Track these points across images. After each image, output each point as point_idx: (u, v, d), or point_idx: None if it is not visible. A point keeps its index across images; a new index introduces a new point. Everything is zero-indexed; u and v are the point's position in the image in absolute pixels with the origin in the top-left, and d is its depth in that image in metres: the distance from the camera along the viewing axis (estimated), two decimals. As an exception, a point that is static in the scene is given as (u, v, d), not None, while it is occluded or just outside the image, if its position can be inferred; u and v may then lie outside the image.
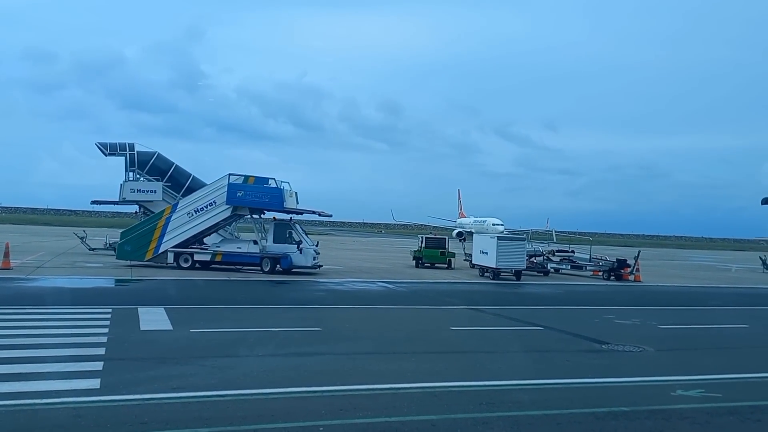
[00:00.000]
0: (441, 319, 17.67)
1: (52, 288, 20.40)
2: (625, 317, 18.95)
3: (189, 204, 28.95)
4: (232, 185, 28.15)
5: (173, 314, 15.53)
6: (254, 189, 28.10)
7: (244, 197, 27.95)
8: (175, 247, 28.48)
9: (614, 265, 34.32)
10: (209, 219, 28.45)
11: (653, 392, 10.28)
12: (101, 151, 36.13)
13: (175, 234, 28.53)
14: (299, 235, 28.03)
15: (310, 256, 27.85)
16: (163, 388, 9.00)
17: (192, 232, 28.60)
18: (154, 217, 29.80)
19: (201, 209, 28.47)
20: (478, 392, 9.63)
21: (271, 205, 28.09)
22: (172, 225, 28.63)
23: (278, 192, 28.05)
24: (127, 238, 29.70)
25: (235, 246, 29.02)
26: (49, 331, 12.74)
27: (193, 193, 29.39)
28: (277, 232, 28.49)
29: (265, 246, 28.03)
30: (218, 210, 28.32)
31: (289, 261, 27.67)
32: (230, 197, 27.93)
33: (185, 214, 28.62)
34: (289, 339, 13.42)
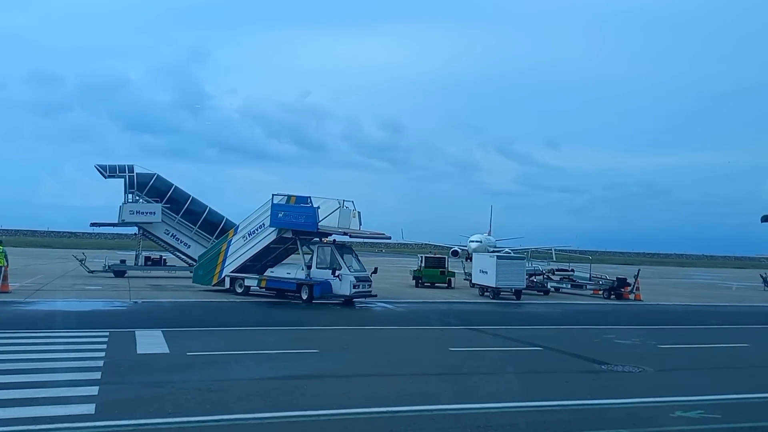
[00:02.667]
0: (440, 340, 17.60)
1: (50, 311, 20.34)
2: (625, 337, 18.87)
3: (245, 226, 27.82)
4: (275, 206, 26.65)
5: (170, 337, 15.47)
6: (293, 209, 26.36)
7: (284, 218, 26.26)
8: (233, 272, 27.47)
9: (614, 284, 34.22)
10: (259, 243, 27.13)
11: (652, 413, 10.21)
12: (101, 173, 36.36)
13: (233, 258, 27.60)
14: (338, 260, 25.39)
15: (348, 283, 24.92)
16: (159, 412, 8.94)
17: (245, 257, 27.37)
18: (221, 239, 28.99)
19: (253, 232, 27.29)
20: (476, 415, 9.56)
21: (306, 225, 25.82)
22: (231, 249, 27.76)
23: (312, 211, 25.82)
24: (201, 261, 29.02)
25: (285, 271, 27.00)
26: (46, 356, 12.68)
27: (250, 215, 27.94)
28: (320, 255, 26.21)
29: (309, 272, 26.01)
30: (266, 233, 26.93)
31: (322, 288, 25.16)
32: (273, 219, 26.48)
33: (241, 237, 27.63)
34: (285, 361, 13.35)
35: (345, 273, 25.10)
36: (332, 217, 26.00)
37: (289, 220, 26.03)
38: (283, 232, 26.40)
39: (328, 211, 26.06)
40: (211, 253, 28.89)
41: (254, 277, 27.06)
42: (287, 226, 26.14)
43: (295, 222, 25.87)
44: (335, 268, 24.97)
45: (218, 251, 28.28)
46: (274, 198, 26.79)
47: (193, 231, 36.51)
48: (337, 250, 25.75)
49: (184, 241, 36.48)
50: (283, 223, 26.14)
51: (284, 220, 26.10)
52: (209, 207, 37.80)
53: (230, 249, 27.65)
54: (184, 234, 36.42)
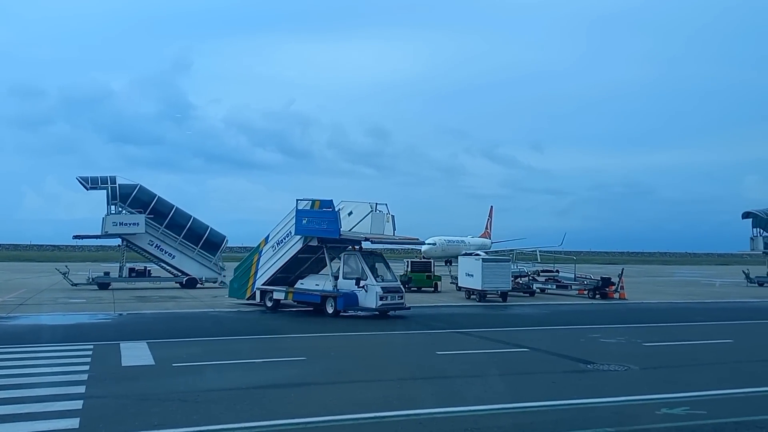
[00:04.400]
0: (427, 344, 17.61)
1: (33, 326, 20.12)
2: (610, 336, 18.99)
3: (275, 235, 25.79)
4: (300, 212, 24.45)
5: (156, 349, 15.35)
6: (316, 215, 24.13)
7: (308, 225, 24.10)
8: (264, 284, 25.70)
9: (599, 284, 34.45)
10: (286, 252, 25.05)
11: (638, 411, 10.29)
12: (82, 185, 36.12)
13: (264, 270, 25.77)
14: (363, 269, 23.27)
15: (375, 294, 22.61)
16: (144, 425, 8.87)
17: (275, 268, 25.41)
18: (254, 250, 27.09)
19: (281, 241, 25.30)
20: (463, 417, 9.59)
21: (328, 232, 23.59)
22: (262, 260, 25.92)
23: (333, 216, 23.60)
24: (236, 274, 27.36)
25: (314, 283, 24.77)
26: (29, 370, 12.54)
27: (280, 222, 25.75)
28: (347, 265, 24.12)
29: (336, 282, 23.77)
30: (292, 242, 24.84)
31: (345, 300, 23.00)
32: (298, 226, 24.37)
33: (271, 247, 25.69)
34: (272, 370, 13.31)
35: (370, 283, 22.93)
36: (365, 221, 24.43)
37: (313, 226, 24.05)
38: (309, 240, 24.38)
39: (360, 215, 24.56)
40: (244, 264, 27.10)
41: (282, 290, 25.22)
42: (312, 233, 24.14)
43: (319, 228, 23.89)
44: (359, 278, 23.03)
45: (251, 262, 26.50)
46: (298, 203, 24.79)
47: (177, 241, 36.34)
48: (363, 258, 23.75)
49: (169, 252, 36.30)
50: (308, 231, 24.16)
51: (308, 227, 24.13)
52: (193, 217, 37.68)
53: (261, 260, 25.91)
54: (169, 245, 36.25)
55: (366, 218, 24.52)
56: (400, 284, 24.76)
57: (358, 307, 22.96)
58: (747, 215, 50.17)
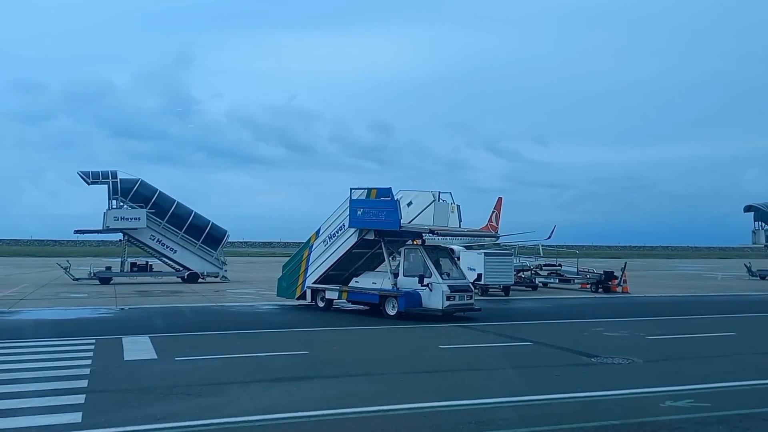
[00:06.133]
0: (429, 338, 17.58)
1: (34, 320, 20.10)
2: (613, 329, 18.95)
3: (326, 228, 23.59)
4: (354, 202, 22.27)
5: (158, 343, 15.33)
6: (372, 205, 21.86)
7: (364, 216, 21.87)
8: (315, 282, 23.64)
9: (602, 278, 34.37)
10: (340, 247, 22.90)
11: (643, 404, 10.25)
12: (83, 179, 36.09)
13: (315, 267, 23.67)
14: (427, 266, 20.87)
15: (441, 294, 20.30)
16: (147, 419, 8.84)
17: (327, 265, 23.30)
18: (304, 245, 24.96)
19: (333, 235, 23.13)
20: (467, 411, 9.55)
21: (386, 224, 21.35)
22: (313, 256, 23.83)
23: (392, 206, 21.29)
24: (284, 272, 25.27)
25: (371, 281, 22.55)
26: (31, 365, 12.50)
27: (331, 215, 23.63)
28: (408, 261, 21.82)
29: (395, 280, 21.55)
30: (346, 236, 22.66)
31: (407, 300, 20.67)
32: (352, 218, 22.14)
33: (322, 242, 23.55)
34: (275, 364, 13.27)
35: (435, 281, 20.51)
36: (426, 212, 22.15)
37: (369, 218, 21.78)
38: (364, 233, 22.17)
39: (421, 206, 22.33)
40: (293, 261, 25.02)
41: (335, 289, 23.15)
42: (368, 225, 21.91)
43: (376, 220, 21.60)
44: (423, 276, 20.63)
45: (300, 258, 24.43)
46: (352, 192, 22.60)
47: (179, 236, 36.30)
48: (427, 253, 21.36)
49: (170, 246, 36.27)
50: (363, 223, 21.94)
51: (364, 219, 21.87)
52: (195, 212, 37.62)
53: (311, 256, 23.85)
54: (170, 239, 36.20)
55: (428, 209, 22.25)
56: (469, 283, 22.50)
57: (422, 308, 20.70)
58: (749, 209, 50.13)
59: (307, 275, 23.85)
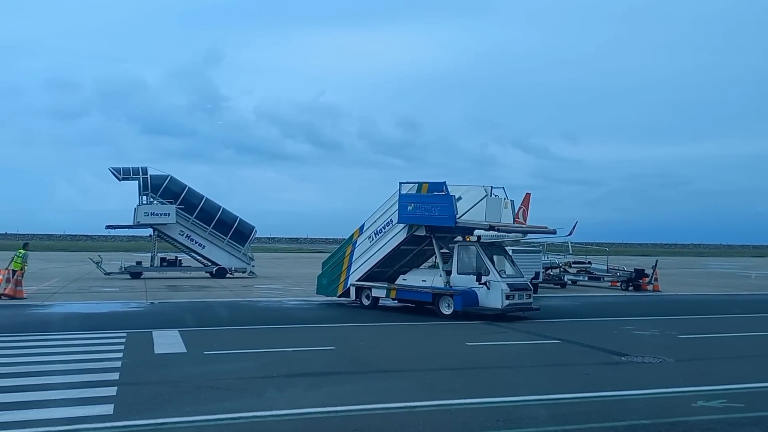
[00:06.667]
0: (457, 335, 17.50)
1: (67, 314, 20.48)
2: (644, 328, 18.69)
3: (371, 224, 22.92)
4: (404, 197, 21.59)
5: (187, 337, 15.51)
6: (425, 200, 21.15)
7: (415, 212, 21.17)
8: (359, 280, 23.01)
9: (632, 275, 34.02)
10: (387, 244, 22.19)
11: (674, 404, 10.08)
12: (115, 176, 36.69)
13: (359, 264, 23.03)
14: (485, 263, 20.11)
15: (500, 293, 19.54)
16: (177, 412, 8.94)
17: (372, 262, 22.63)
18: (346, 242, 24.34)
19: (379, 231, 22.47)
20: (495, 408, 9.49)
21: (441, 219, 20.63)
22: (357, 252, 23.15)
23: (448, 201, 20.51)
24: (324, 269, 24.57)
25: (420, 278, 21.80)
26: (63, 358, 12.74)
27: (377, 210, 23.00)
28: (462, 258, 20.98)
29: (448, 278, 20.84)
30: (394, 232, 21.98)
31: (464, 299, 19.90)
32: (402, 213, 21.45)
33: (367, 238, 22.90)
34: (303, 359, 13.33)
35: (494, 279, 19.76)
36: (478, 208, 20.98)
37: (420, 213, 21.07)
38: (414, 229, 21.53)
39: (472, 201, 21.23)
40: (335, 257, 24.26)
41: (382, 287, 22.45)
42: (419, 221, 21.24)
43: (428, 216, 20.88)
44: (480, 274, 19.82)
45: (342, 255, 23.74)
46: (401, 187, 21.90)
47: (207, 231, 36.70)
48: (483, 250, 20.69)
49: (199, 242, 36.70)
50: (414, 218, 21.27)
51: (415, 215, 21.20)
52: (223, 207, 38.02)
53: (355, 253, 23.19)
54: (199, 234, 36.63)
55: (479, 204, 21.14)
56: (527, 281, 21.77)
57: (479, 308, 19.93)
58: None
59: (350, 273, 23.27)
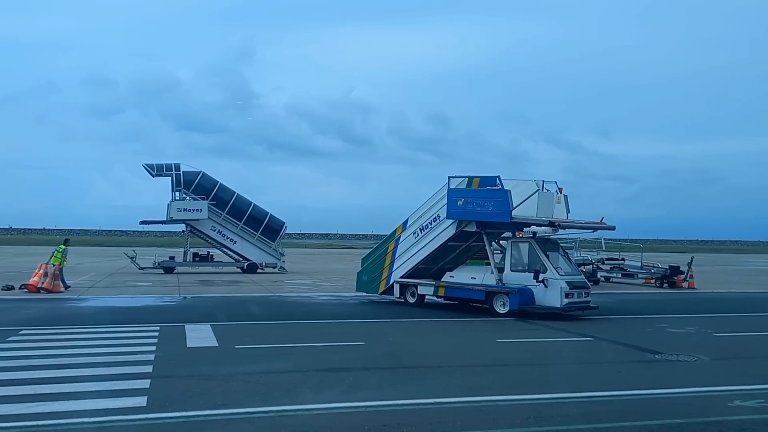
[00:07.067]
0: (487, 332, 17.39)
1: (101, 308, 20.87)
2: (678, 326, 18.37)
3: (416, 219, 22.33)
4: (453, 191, 20.88)
5: (219, 331, 15.70)
6: (476, 194, 20.45)
7: (465, 207, 20.48)
8: (403, 277, 22.40)
9: (667, 272, 33.42)
10: (433, 240, 21.57)
11: (709, 403, 9.87)
12: (148, 172, 37.28)
13: (403, 260, 22.45)
14: (541, 260, 19.51)
15: (558, 291, 18.99)
16: (208, 404, 9.05)
17: (417, 259, 22.05)
18: (387, 238, 23.68)
19: (425, 227, 21.81)
20: (525, 406, 9.41)
21: (495, 215, 19.96)
22: (400, 249, 22.58)
23: (502, 196, 19.79)
24: (364, 265, 24.00)
25: (469, 275, 21.16)
26: (98, 350, 13.00)
27: (422, 205, 22.47)
28: (515, 255, 20.36)
29: (500, 276, 20.34)
30: (441, 227, 21.33)
31: (520, 298, 19.29)
32: (451, 208, 20.77)
33: (412, 233, 22.27)
34: (332, 354, 13.38)
35: (552, 277, 19.16)
36: (528, 203, 20.27)
37: (471, 208, 20.37)
38: (464, 224, 20.84)
39: (522, 195, 20.42)
40: (376, 254, 23.70)
41: (430, 284, 21.81)
42: (469, 216, 20.57)
43: (480, 211, 20.19)
44: (538, 271, 19.17)
45: (385, 252, 23.12)
46: (450, 181, 21.15)
47: (238, 227, 37.09)
48: (539, 246, 20.08)
49: (230, 237, 37.11)
50: (464, 214, 20.60)
51: (465, 210, 20.52)
52: (254, 203, 38.37)
53: (398, 249, 22.56)
54: (230, 230, 37.04)
55: (530, 199, 20.44)
56: (584, 278, 21.33)
57: (535, 306, 19.39)
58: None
59: (393, 269, 22.74)
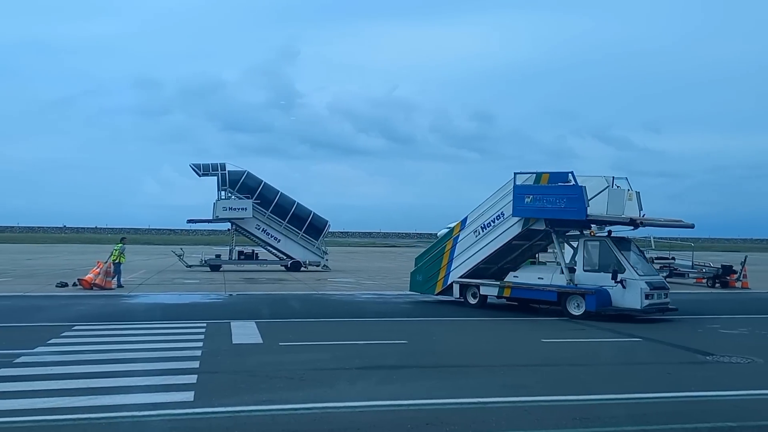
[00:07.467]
0: (531, 331, 17.19)
1: (150, 304, 21.38)
2: (731, 327, 17.84)
3: (477, 218, 21.53)
4: (519, 188, 20.13)
5: (263, 328, 15.90)
6: (546, 191, 19.76)
7: (533, 204, 19.77)
8: (462, 277, 21.70)
9: (719, 272, 32.54)
10: (497, 239, 20.83)
11: (763, 406, 9.58)
12: (195, 171, 38.08)
13: (462, 260, 21.70)
14: (619, 260, 18.74)
15: (639, 292, 18.22)
16: (254, 400, 9.17)
17: (478, 258, 21.30)
18: (444, 237, 23.26)
19: (487, 225, 21.01)
20: (571, 407, 9.25)
21: (568, 212, 19.22)
22: (459, 248, 21.82)
23: (577, 193, 19.01)
24: (418, 265, 23.36)
25: (536, 276, 20.56)
26: (147, 346, 13.31)
27: (483, 203, 21.68)
28: (589, 254, 19.60)
29: (572, 276, 19.61)
30: (506, 226, 20.58)
31: (597, 299, 18.48)
32: (517, 206, 20.05)
33: (472, 232, 21.47)
34: (375, 352, 13.41)
35: (631, 277, 18.37)
36: (598, 200, 19.46)
37: (540, 206, 19.66)
38: (531, 222, 20.13)
39: (591, 192, 19.56)
40: (431, 253, 23.07)
41: (494, 285, 21.10)
42: (538, 214, 19.87)
43: (551, 208, 19.47)
44: (616, 271, 18.38)
45: (442, 251, 22.42)
46: (516, 177, 20.44)
47: (282, 226, 37.55)
48: (616, 245, 19.27)
49: (274, 236, 37.59)
50: (532, 211, 19.90)
51: (534, 207, 19.81)
52: (297, 202, 38.81)
53: (457, 248, 21.85)
54: (274, 228, 37.54)
55: (600, 195, 19.64)
56: (663, 278, 20.72)
57: (612, 308, 18.61)
58: None
59: (451, 269, 22.01)
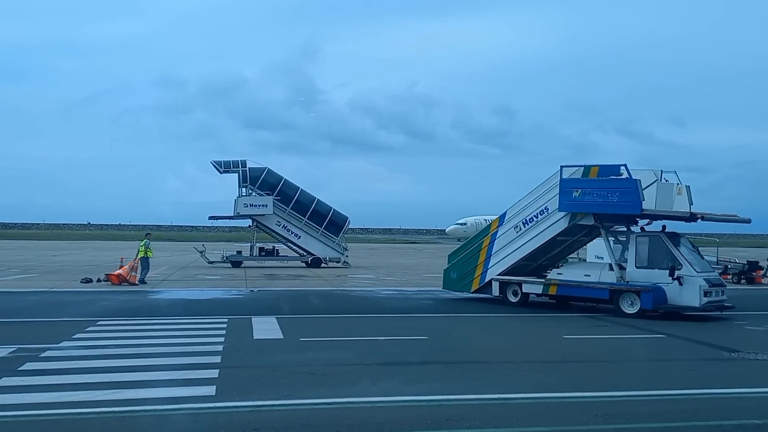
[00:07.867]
0: (553, 327, 17.08)
1: (174, 299, 21.58)
2: (757, 323, 17.57)
3: (518, 213, 20.84)
4: (566, 182, 19.42)
5: (284, 323, 15.98)
6: (595, 185, 19.07)
7: (582, 198, 19.06)
8: (501, 274, 20.94)
9: (745, 268, 32.08)
10: (540, 234, 20.09)
11: (791, 405, 9.38)
12: (216, 169, 38.39)
13: (501, 257, 20.92)
14: (675, 256, 18.07)
15: (697, 289, 17.51)
16: (275, 395, 9.22)
17: (520, 255, 20.53)
18: (480, 233, 22.65)
19: (529, 221, 20.30)
20: (593, 403, 9.16)
21: (621, 207, 18.59)
22: (497, 244, 21.06)
23: (631, 187, 18.42)
24: (452, 262, 22.65)
25: (582, 272, 19.93)
26: (170, 341, 13.44)
27: (524, 197, 21.01)
28: (642, 250, 18.84)
29: (622, 273, 19.03)
30: (551, 221, 19.85)
31: (654, 296, 17.82)
32: (563, 200, 19.33)
33: (512, 228, 20.75)
34: (395, 347, 13.42)
35: (689, 274, 17.67)
36: (647, 194, 18.81)
37: (590, 200, 18.93)
38: (578, 218, 19.43)
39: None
40: (466, 249, 22.40)
41: (537, 282, 20.40)
42: (587, 209, 19.15)
43: (602, 203, 18.76)
44: (674, 268, 17.71)
45: (478, 248, 21.62)
46: (563, 171, 19.68)
47: (302, 222, 37.69)
48: (671, 241, 18.59)
49: (295, 232, 37.75)
50: (581, 206, 19.16)
51: (582, 202, 19.06)
52: (317, 198, 38.93)
53: (495, 245, 21.08)
54: (294, 225, 37.69)
55: (648, 189, 18.95)
56: (720, 276, 20.16)
57: (668, 306, 17.98)
58: None
59: (489, 266, 21.26)
